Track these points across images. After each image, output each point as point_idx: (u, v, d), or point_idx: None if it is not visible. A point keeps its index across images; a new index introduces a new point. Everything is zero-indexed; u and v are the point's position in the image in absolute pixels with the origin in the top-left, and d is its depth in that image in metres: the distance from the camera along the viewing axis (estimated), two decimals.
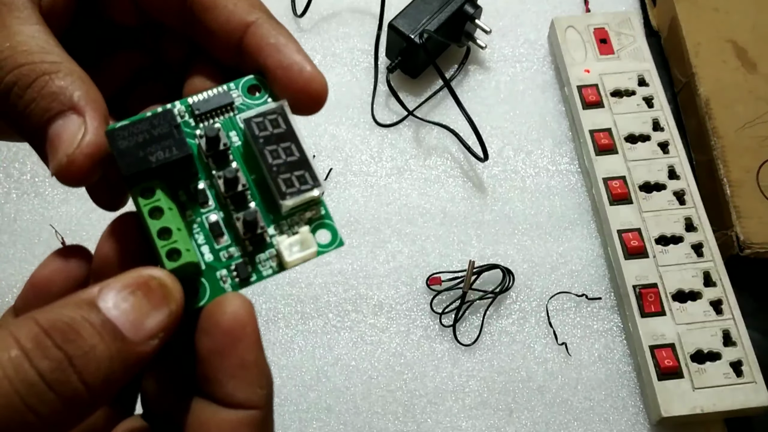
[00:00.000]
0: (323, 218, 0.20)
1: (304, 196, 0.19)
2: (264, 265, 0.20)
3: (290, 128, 0.20)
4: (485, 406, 0.39)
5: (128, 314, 0.17)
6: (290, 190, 0.19)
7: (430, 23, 0.46)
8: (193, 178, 0.20)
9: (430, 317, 0.41)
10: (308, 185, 0.19)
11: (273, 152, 0.20)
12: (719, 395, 0.37)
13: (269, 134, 0.20)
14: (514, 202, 0.45)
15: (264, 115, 0.20)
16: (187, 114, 0.20)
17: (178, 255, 0.18)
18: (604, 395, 0.40)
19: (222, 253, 0.20)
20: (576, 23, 0.49)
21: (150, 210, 0.19)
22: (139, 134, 0.19)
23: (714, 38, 0.47)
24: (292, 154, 0.20)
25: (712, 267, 0.41)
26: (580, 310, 0.42)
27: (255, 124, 0.20)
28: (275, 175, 0.19)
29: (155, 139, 0.19)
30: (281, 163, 0.19)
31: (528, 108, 0.48)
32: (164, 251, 0.18)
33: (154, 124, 0.19)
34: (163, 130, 0.19)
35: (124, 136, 0.19)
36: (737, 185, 0.43)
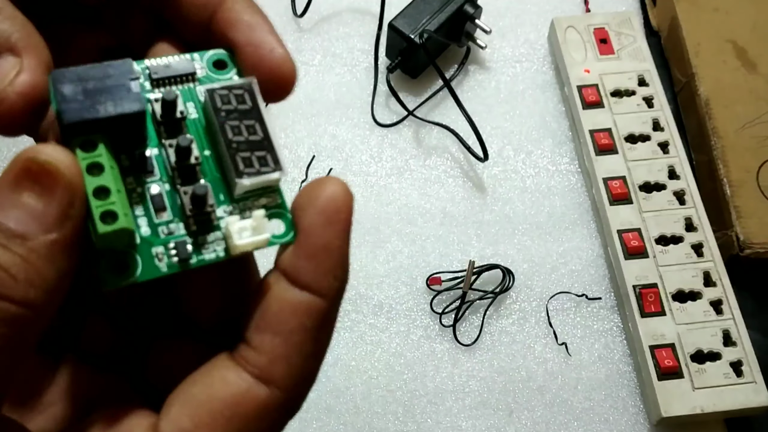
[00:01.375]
0: (279, 207, 0.19)
1: (263, 178, 0.18)
2: (208, 248, 0.18)
3: (256, 106, 0.18)
4: (485, 406, 0.39)
5: (21, 216, 0.16)
6: (248, 170, 0.18)
7: (430, 23, 0.46)
8: (140, 143, 0.18)
9: (430, 317, 0.41)
10: (269, 167, 0.18)
11: (234, 128, 0.18)
12: (719, 395, 0.37)
13: (232, 108, 0.18)
14: (514, 202, 0.45)
15: (229, 88, 0.18)
16: (143, 77, 0.19)
17: (113, 218, 0.16)
18: (604, 395, 0.40)
19: (161, 228, 0.18)
20: (576, 23, 0.49)
21: (89, 165, 0.17)
22: (89, 81, 0.17)
23: (714, 38, 0.47)
24: (255, 133, 0.18)
25: (712, 267, 0.41)
26: (580, 310, 0.42)
27: (218, 96, 0.18)
28: (234, 152, 0.18)
29: (107, 90, 0.17)
30: (242, 141, 0.18)
31: (528, 108, 0.48)
32: (98, 212, 0.16)
33: (109, 73, 0.17)
34: (117, 81, 0.17)
35: (71, 80, 0.17)
36: (737, 185, 0.42)
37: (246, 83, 0.19)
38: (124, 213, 0.17)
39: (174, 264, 0.18)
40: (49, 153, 0.16)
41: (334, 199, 0.18)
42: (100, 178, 0.17)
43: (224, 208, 0.18)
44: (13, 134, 0.18)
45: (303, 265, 0.17)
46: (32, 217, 0.16)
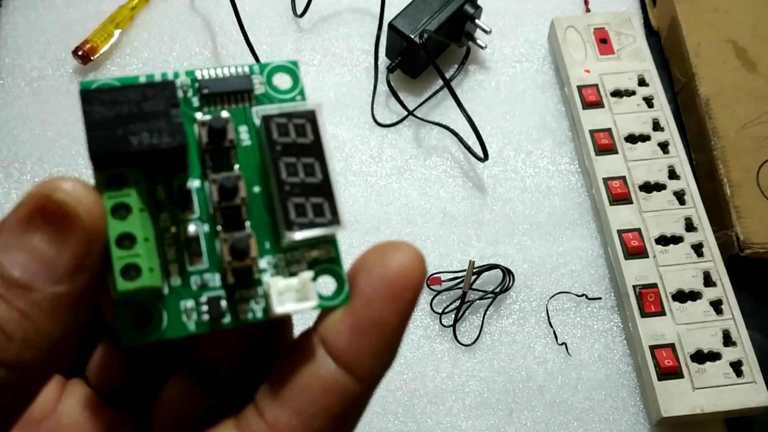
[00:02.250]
0: (333, 262, 0.16)
1: (317, 232, 0.15)
2: (244, 307, 0.15)
3: (318, 141, 0.16)
4: (485, 406, 0.39)
5: (27, 262, 0.13)
6: (300, 220, 0.15)
7: (430, 23, 0.46)
8: (181, 173, 0.16)
9: (430, 317, 0.41)
10: (324, 219, 0.15)
11: (290, 166, 0.15)
12: (719, 395, 0.37)
13: (290, 142, 0.16)
14: (514, 202, 0.45)
15: (289, 116, 0.16)
16: (191, 90, 0.16)
17: (137, 273, 0.14)
18: (604, 395, 0.40)
19: (194, 278, 0.15)
20: (576, 23, 0.49)
21: (114, 206, 0.14)
22: (124, 104, 0.15)
23: (714, 38, 0.47)
24: (314, 174, 0.15)
25: (712, 267, 0.41)
26: (580, 310, 0.42)
27: (275, 126, 0.16)
28: (286, 197, 0.15)
29: (143, 116, 0.15)
30: (297, 182, 0.15)
31: (528, 108, 0.48)
32: (120, 264, 0.14)
33: (147, 95, 0.15)
34: (156, 107, 0.15)
35: (102, 102, 0.15)
36: (737, 185, 0.42)
37: (309, 112, 0.16)
38: (149, 268, 0.14)
39: (204, 323, 0.15)
40: (67, 190, 0.14)
41: (405, 270, 0.15)
42: (127, 222, 0.14)
43: (268, 259, 0.16)
44: None
45: (349, 340, 0.15)
46: (41, 264, 0.14)
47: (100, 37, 0.47)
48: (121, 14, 0.48)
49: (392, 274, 0.15)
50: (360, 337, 0.15)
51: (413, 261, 0.16)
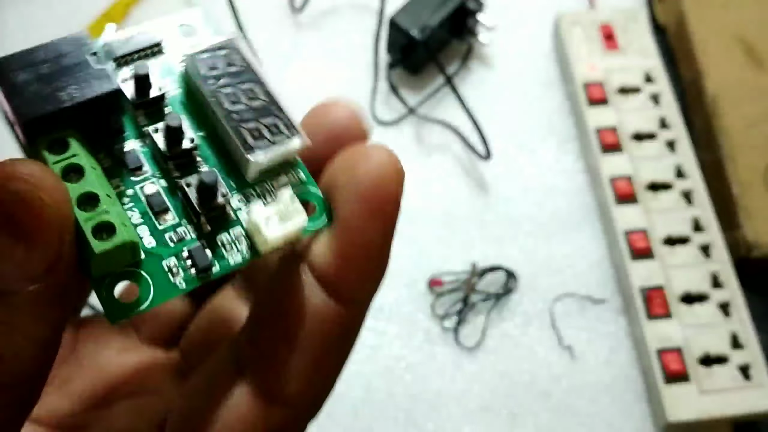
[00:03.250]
0: (304, 184, 0.15)
1: (281, 150, 0.15)
2: (230, 250, 0.15)
3: (249, 66, 0.15)
4: (488, 411, 0.38)
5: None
6: (259, 143, 0.14)
7: (432, 19, 0.45)
8: (116, 136, 0.15)
9: (432, 320, 0.41)
10: (283, 136, 0.15)
11: (230, 96, 0.15)
12: (727, 400, 0.37)
13: (222, 74, 0.15)
14: (518, 201, 0.44)
15: (211, 50, 0.15)
16: (102, 55, 0.15)
17: (110, 232, 0.13)
18: (609, 400, 0.39)
19: (168, 234, 0.14)
20: (581, 19, 0.48)
21: (64, 169, 0.13)
22: (42, 64, 0.14)
23: (722, 35, 0.47)
24: (257, 97, 0.15)
25: (720, 268, 0.40)
26: (585, 313, 0.41)
27: (201, 62, 0.15)
28: (236, 124, 0.14)
29: (65, 71, 0.14)
30: (243, 109, 0.15)
31: (532, 105, 0.47)
32: (89, 226, 0.13)
33: (63, 50, 0.14)
34: (75, 59, 0.14)
35: (20, 66, 0.14)
36: (746, 185, 0.42)
37: (228, 41, 0.16)
38: (121, 223, 0.13)
39: (192, 278, 0.14)
40: (23, 176, 0.12)
41: (379, 182, 0.14)
42: (83, 183, 0.13)
43: (238, 198, 0.15)
44: None
45: (338, 267, 0.14)
46: (11, 266, 0.12)
47: (94, 33, 0.46)
48: (115, 9, 0.48)
49: (366, 190, 0.14)
50: (348, 262, 0.14)
51: (386, 169, 0.14)
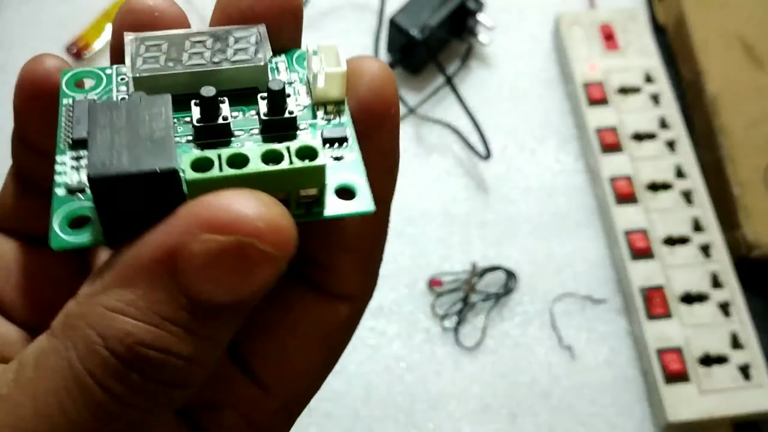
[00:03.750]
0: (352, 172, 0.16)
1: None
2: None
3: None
4: (488, 411, 0.38)
5: (218, 293, 0.13)
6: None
7: (432, 19, 0.45)
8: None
9: (431, 320, 0.40)
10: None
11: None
12: (727, 400, 0.37)
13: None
14: (517, 201, 0.44)
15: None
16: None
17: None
18: (609, 400, 0.39)
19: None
20: (581, 19, 0.48)
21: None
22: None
23: (722, 34, 0.46)
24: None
25: (720, 268, 0.40)
26: (585, 313, 0.41)
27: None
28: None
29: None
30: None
31: (532, 105, 0.47)
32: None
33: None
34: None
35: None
36: (746, 185, 0.42)
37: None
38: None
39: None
40: (264, 232, 0.13)
41: (379, 89, 0.17)
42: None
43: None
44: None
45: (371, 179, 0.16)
46: (228, 294, 0.14)
47: (93, 33, 0.46)
48: (115, 10, 0.47)
49: (366, 100, 0.17)
50: (374, 168, 0.16)
51: (382, 79, 0.17)
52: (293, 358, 0.17)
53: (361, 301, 0.18)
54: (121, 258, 0.14)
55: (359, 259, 0.18)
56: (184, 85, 0.16)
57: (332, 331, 0.18)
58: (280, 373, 0.17)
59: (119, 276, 0.14)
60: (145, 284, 0.13)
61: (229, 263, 0.13)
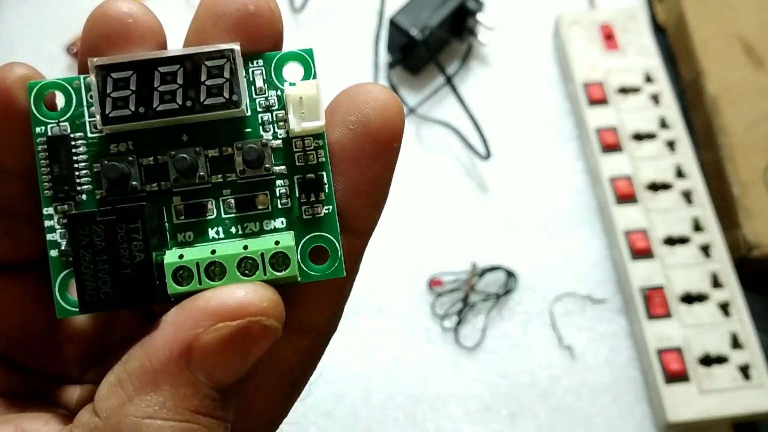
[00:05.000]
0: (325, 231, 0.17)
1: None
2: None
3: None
4: (488, 411, 0.38)
5: (225, 376, 0.15)
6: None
7: (432, 19, 0.45)
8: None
9: (432, 320, 0.40)
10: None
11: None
12: (727, 400, 0.37)
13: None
14: (517, 201, 0.44)
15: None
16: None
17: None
18: (609, 400, 0.39)
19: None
20: (581, 19, 0.48)
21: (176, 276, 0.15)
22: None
23: (722, 34, 0.46)
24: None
25: (719, 268, 0.40)
26: (585, 313, 0.41)
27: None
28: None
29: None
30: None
31: (532, 105, 0.47)
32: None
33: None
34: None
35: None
36: (746, 184, 0.42)
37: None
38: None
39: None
40: (267, 310, 0.15)
41: (387, 122, 0.16)
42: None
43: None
44: None
45: (349, 202, 0.16)
46: (233, 374, 0.15)
47: None
48: None
49: (377, 130, 0.16)
50: (358, 197, 0.16)
51: (391, 110, 0.16)
52: (252, 395, 0.17)
53: (324, 335, 0.18)
54: (135, 362, 0.14)
55: (327, 293, 0.17)
56: (152, 131, 0.16)
57: (293, 365, 0.18)
58: (240, 411, 0.17)
59: (140, 381, 0.14)
60: (168, 385, 0.14)
61: (237, 344, 0.14)
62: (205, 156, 0.16)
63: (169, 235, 0.16)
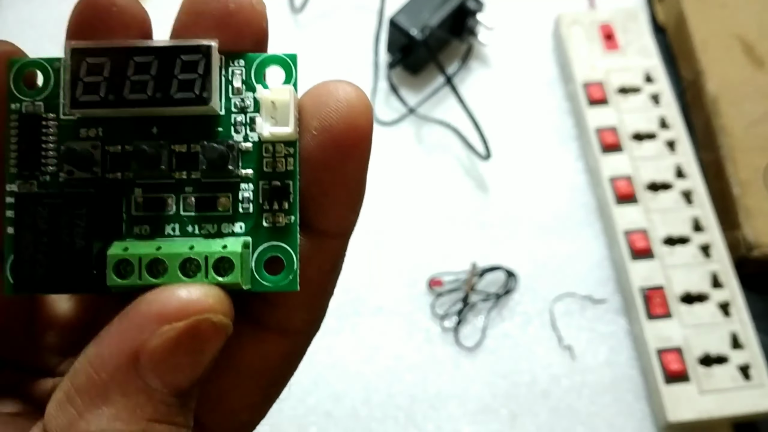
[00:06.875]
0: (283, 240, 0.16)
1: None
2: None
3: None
4: (488, 411, 0.38)
5: (178, 380, 0.14)
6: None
7: (432, 19, 0.45)
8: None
9: (431, 320, 0.40)
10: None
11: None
12: (727, 400, 0.37)
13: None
14: (517, 201, 0.44)
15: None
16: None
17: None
18: (609, 400, 0.39)
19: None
20: (581, 19, 0.48)
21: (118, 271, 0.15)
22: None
23: (722, 34, 0.46)
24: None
25: (720, 268, 0.40)
26: (585, 313, 0.41)
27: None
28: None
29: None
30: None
31: (532, 105, 0.47)
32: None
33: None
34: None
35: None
36: (746, 184, 0.42)
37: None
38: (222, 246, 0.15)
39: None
40: (215, 307, 0.14)
41: (353, 121, 0.15)
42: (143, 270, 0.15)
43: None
44: None
45: (323, 204, 0.16)
46: (187, 376, 0.14)
47: None
48: None
49: (340, 132, 0.15)
50: (330, 199, 0.16)
51: (356, 109, 0.15)
52: (229, 396, 0.17)
53: (305, 335, 0.18)
54: (81, 377, 0.14)
55: (308, 295, 0.16)
56: (124, 120, 0.16)
57: (271, 367, 0.17)
58: (216, 412, 0.17)
59: (89, 396, 0.14)
60: (119, 395, 0.14)
61: (186, 345, 0.14)
62: (171, 151, 0.16)
63: (125, 227, 0.16)
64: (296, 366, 0.18)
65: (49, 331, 0.19)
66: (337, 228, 0.16)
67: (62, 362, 0.19)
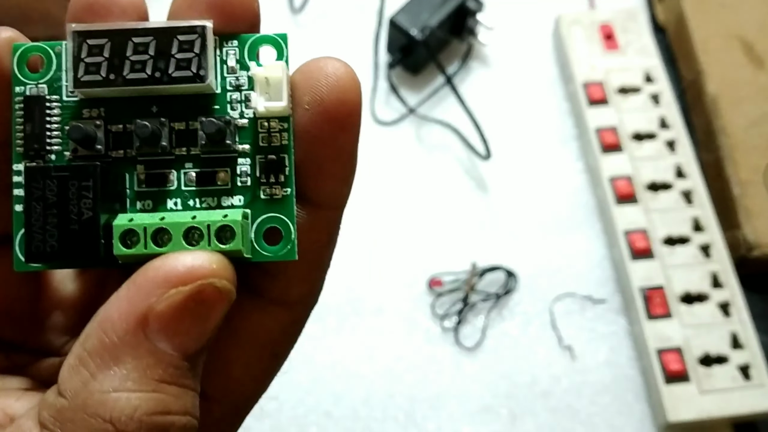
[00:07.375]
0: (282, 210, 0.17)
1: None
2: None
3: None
4: (488, 411, 0.38)
5: (185, 343, 0.15)
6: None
7: (432, 19, 0.45)
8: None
9: (431, 320, 0.40)
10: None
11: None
12: (727, 400, 0.37)
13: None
14: (517, 201, 0.44)
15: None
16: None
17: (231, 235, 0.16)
18: (609, 400, 0.39)
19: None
20: (581, 19, 0.48)
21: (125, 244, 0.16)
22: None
23: (722, 34, 0.46)
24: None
25: (720, 268, 0.40)
26: (585, 313, 0.41)
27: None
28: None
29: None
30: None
31: (532, 105, 0.47)
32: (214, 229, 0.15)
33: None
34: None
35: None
36: (746, 185, 0.42)
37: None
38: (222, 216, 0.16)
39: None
40: (218, 272, 0.15)
41: (342, 94, 0.16)
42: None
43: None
44: None
45: (314, 177, 0.16)
46: (194, 340, 0.15)
47: None
48: None
49: (331, 106, 0.16)
50: (322, 172, 0.16)
51: (345, 84, 0.16)
52: (233, 366, 0.18)
53: (304, 306, 0.18)
54: (93, 340, 0.14)
55: (306, 266, 0.17)
56: (125, 100, 0.17)
57: (273, 338, 0.18)
58: (220, 382, 0.18)
59: (101, 358, 0.14)
60: (130, 357, 0.14)
61: (193, 309, 0.14)
62: (170, 128, 0.17)
63: (129, 202, 0.17)
64: (296, 337, 0.19)
65: (55, 312, 0.19)
66: (331, 200, 0.17)
67: (68, 342, 0.19)
